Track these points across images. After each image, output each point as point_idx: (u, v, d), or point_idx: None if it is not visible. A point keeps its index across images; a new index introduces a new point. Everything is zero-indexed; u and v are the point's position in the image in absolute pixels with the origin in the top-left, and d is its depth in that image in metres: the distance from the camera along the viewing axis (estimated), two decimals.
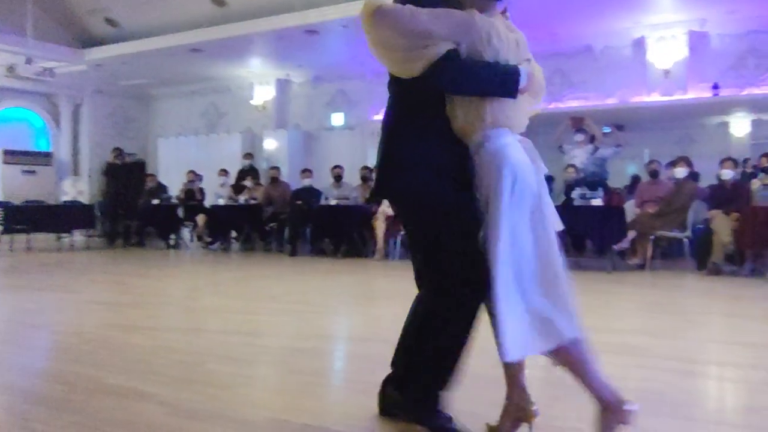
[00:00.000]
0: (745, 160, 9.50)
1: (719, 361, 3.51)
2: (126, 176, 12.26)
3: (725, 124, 11.36)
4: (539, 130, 12.87)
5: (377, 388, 2.46)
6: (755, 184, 7.64)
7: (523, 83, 2.12)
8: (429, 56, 2.06)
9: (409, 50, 2.08)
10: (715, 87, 9.64)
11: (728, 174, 7.54)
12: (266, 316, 4.87)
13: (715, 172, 8.03)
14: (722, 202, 7.34)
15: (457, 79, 2.11)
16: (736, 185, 7.56)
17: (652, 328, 4.30)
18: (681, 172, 7.74)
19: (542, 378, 2.67)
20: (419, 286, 2.35)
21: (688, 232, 7.52)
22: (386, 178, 2.30)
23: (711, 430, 2.40)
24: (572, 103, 10.61)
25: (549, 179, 11.19)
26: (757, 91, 9.53)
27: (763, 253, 7.05)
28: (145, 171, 13.51)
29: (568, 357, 2.10)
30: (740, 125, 11.29)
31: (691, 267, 7.41)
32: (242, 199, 10.60)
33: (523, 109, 2.21)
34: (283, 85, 13.22)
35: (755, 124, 11.22)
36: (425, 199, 2.21)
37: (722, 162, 7.69)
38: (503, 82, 2.11)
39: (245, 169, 11.58)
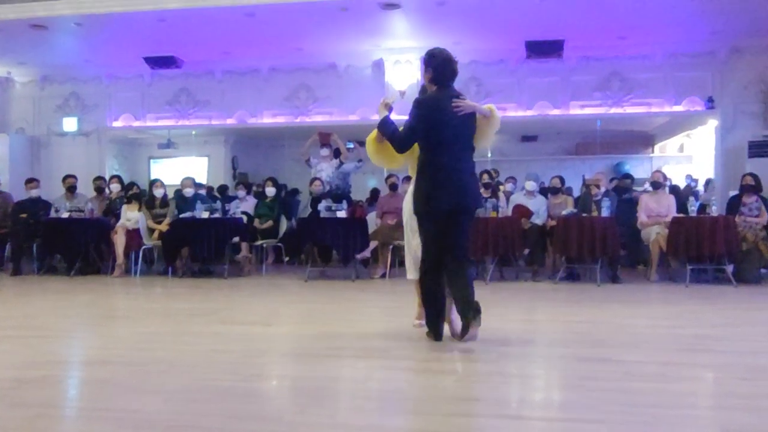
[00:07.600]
0: None
1: (441, 358, 3.87)
2: None
3: None
4: (285, 143, 13.24)
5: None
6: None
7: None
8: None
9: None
10: None
11: None
12: None
13: None
14: None
15: None
16: None
17: (392, 332, 4.60)
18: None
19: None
20: (437, 266, 4.06)
21: None
22: (475, 194, 4.26)
23: (438, 421, 2.63)
24: (317, 118, 10.97)
25: (295, 192, 11.49)
26: None
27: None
28: None
29: None
30: None
31: None
32: None
33: None
34: (2, 84, 11.80)
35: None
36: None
37: None
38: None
39: None
